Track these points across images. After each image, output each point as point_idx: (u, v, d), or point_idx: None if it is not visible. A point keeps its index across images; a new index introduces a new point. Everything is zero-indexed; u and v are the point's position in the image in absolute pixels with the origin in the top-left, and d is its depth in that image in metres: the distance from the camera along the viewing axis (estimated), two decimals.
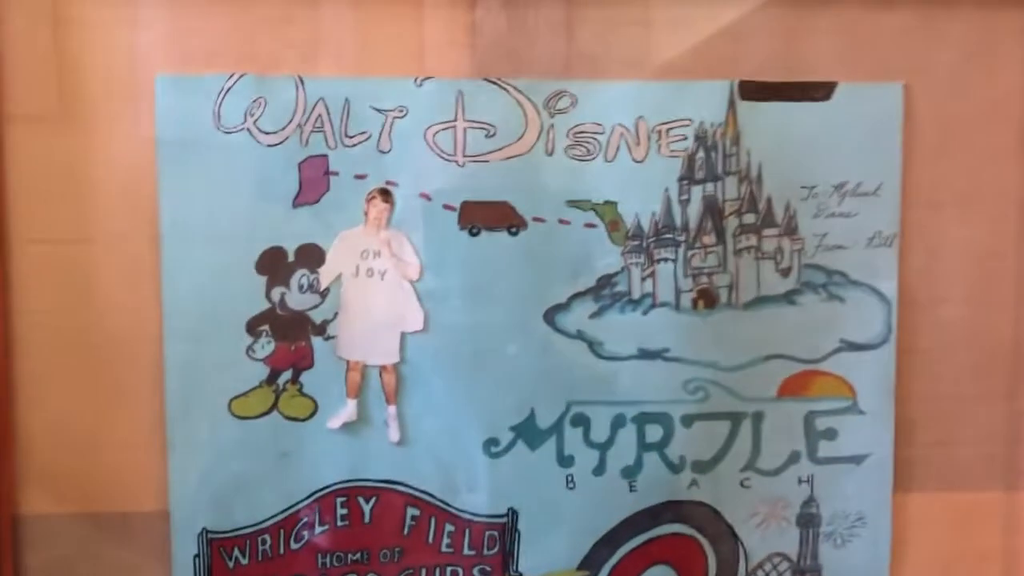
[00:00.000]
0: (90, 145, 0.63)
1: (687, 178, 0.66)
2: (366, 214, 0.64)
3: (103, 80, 0.62)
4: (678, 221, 0.66)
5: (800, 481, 0.69)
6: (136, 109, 0.63)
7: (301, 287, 0.65)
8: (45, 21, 0.62)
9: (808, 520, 0.69)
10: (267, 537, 0.66)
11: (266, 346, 0.65)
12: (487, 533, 0.67)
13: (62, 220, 0.63)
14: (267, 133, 0.63)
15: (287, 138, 0.63)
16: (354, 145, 0.64)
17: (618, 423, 0.67)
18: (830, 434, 0.69)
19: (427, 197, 0.65)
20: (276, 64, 0.63)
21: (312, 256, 0.64)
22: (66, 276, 0.63)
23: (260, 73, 0.63)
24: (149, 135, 0.63)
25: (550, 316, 0.66)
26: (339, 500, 0.66)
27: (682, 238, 0.66)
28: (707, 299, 0.67)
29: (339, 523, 0.66)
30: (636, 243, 0.66)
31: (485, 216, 0.65)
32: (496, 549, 0.67)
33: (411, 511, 0.66)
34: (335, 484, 0.66)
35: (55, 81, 0.62)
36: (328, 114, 0.63)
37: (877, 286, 0.68)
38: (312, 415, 0.65)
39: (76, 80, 0.62)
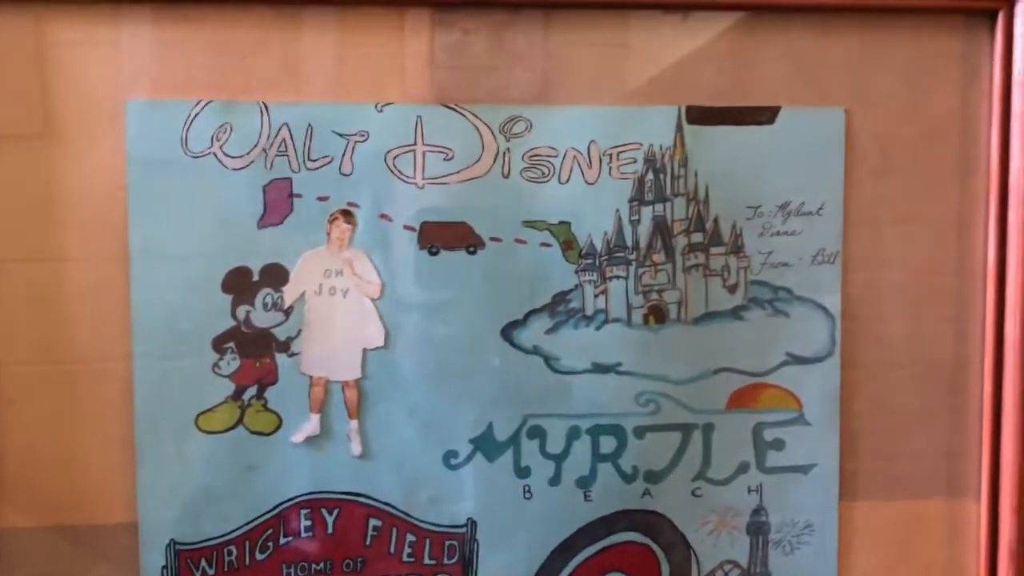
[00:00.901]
0: (64, 165, 0.65)
1: (637, 199, 0.68)
2: (329, 234, 0.67)
3: (78, 102, 0.64)
4: (629, 240, 0.69)
5: (750, 490, 0.71)
6: (109, 131, 0.65)
7: (266, 305, 0.67)
8: (25, 43, 0.64)
9: (758, 528, 0.72)
10: (233, 548, 0.67)
11: (232, 363, 0.67)
12: (447, 543, 0.69)
13: (34, 238, 0.65)
14: (233, 157, 0.65)
15: (252, 162, 0.66)
16: (317, 168, 0.66)
17: (573, 435, 0.69)
18: (778, 444, 0.71)
19: (388, 218, 0.67)
20: (245, 90, 0.65)
21: (276, 275, 0.66)
22: (38, 293, 0.65)
23: (229, 99, 0.65)
24: (121, 157, 0.65)
25: (507, 332, 0.68)
26: (303, 512, 0.68)
27: (633, 256, 0.69)
28: (657, 315, 0.69)
29: (303, 534, 0.68)
30: (589, 261, 0.68)
31: (444, 236, 0.67)
32: (456, 558, 0.69)
33: (373, 522, 0.68)
34: (299, 496, 0.68)
35: (32, 101, 0.64)
36: (292, 139, 0.66)
37: (821, 301, 0.70)
38: (277, 429, 0.67)
39: (52, 101, 0.64)
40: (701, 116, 0.68)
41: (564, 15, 0.67)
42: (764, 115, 0.69)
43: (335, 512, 0.68)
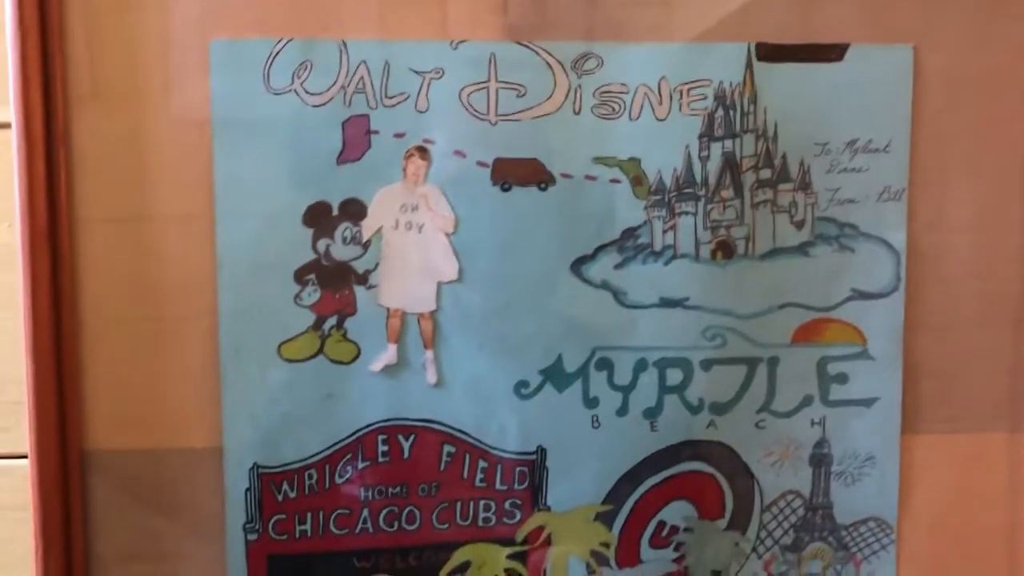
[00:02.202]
0: (151, 106, 0.67)
1: (707, 135, 0.70)
2: (404, 170, 0.69)
3: (164, 43, 0.66)
4: (698, 177, 0.70)
5: (813, 423, 0.73)
6: (192, 73, 0.67)
7: (345, 239, 0.69)
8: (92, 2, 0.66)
9: (820, 460, 0.73)
10: (313, 472, 0.70)
11: (312, 294, 0.69)
12: (517, 469, 0.72)
13: (126, 177, 0.67)
14: (313, 94, 0.67)
15: (331, 99, 0.67)
16: (394, 105, 0.68)
17: (640, 367, 0.71)
18: (841, 378, 0.73)
19: (462, 154, 0.69)
20: (320, 29, 0.67)
21: (355, 210, 0.69)
22: (126, 226, 0.68)
23: (306, 37, 0.67)
24: (202, 97, 0.67)
25: (577, 267, 0.70)
26: (380, 438, 0.71)
27: (702, 193, 0.70)
28: (725, 250, 0.71)
29: (380, 459, 0.71)
30: (658, 198, 0.70)
31: (516, 172, 0.69)
32: (526, 484, 0.72)
33: (447, 448, 0.71)
34: (376, 423, 0.70)
35: (110, 57, 0.66)
36: (369, 76, 0.67)
37: (887, 238, 0.71)
38: (355, 359, 0.70)
39: (138, 45, 0.66)
40: (770, 53, 0.69)
41: None
42: (832, 52, 0.69)
43: (411, 438, 0.71)
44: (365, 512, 0.71)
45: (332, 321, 0.69)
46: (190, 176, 0.67)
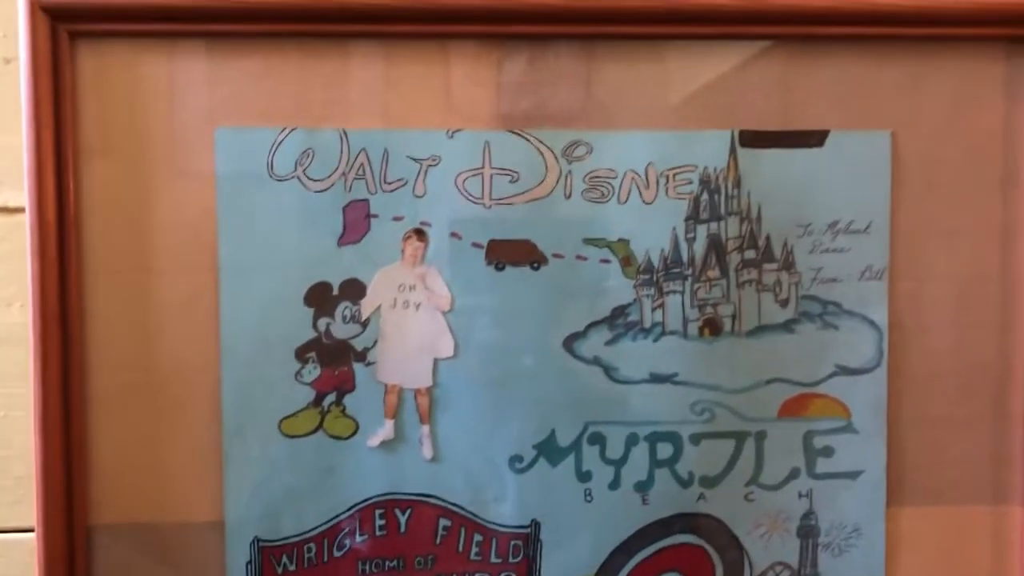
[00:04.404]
0: (159, 185, 0.70)
1: (693, 218, 0.72)
2: (403, 252, 0.71)
3: (172, 129, 0.69)
4: (685, 257, 0.72)
5: (800, 495, 0.75)
6: (197, 154, 0.70)
7: (344, 318, 0.71)
8: (126, 77, 0.69)
9: (808, 531, 0.75)
10: (312, 545, 0.72)
11: (313, 371, 0.71)
12: (512, 542, 0.73)
13: (131, 253, 0.70)
14: (315, 180, 0.70)
15: (332, 184, 0.70)
16: (392, 190, 0.71)
17: (631, 441, 0.73)
18: (827, 452, 0.74)
19: (458, 236, 0.71)
20: (319, 119, 0.70)
21: (354, 290, 0.71)
22: (133, 304, 0.70)
23: (308, 127, 0.70)
24: (208, 177, 0.70)
25: (569, 343, 0.72)
26: (377, 512, 0.72)
27: (689, 272, 0.72)
28: (712, 328, 0.73)
29: (377, 532, 0.72)
30: (647, 277, 0.72)
31: (509, 253, 0.72)
32: (520, 557, 0.73)
33: (443, 522, 0.73)
34: (374, 497, 0.72)
35: (131, 127, 0.69)
36: (369, 163, 0.70)
37: (869, 315, 0.73)
38: (354, 434, 0.72)
39: (148, 127, 0.69)
40: (753, 140, 0.72)
41: (610, 44, 0.71)
42: (813, 138, 0.72)
43: (408, 512, 0.72)
44: None
45: (331, 397, 0.71)
46: (196, 261, 0.70)
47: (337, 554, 0.72)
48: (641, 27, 0.70)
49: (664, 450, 0.73)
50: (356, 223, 0.71)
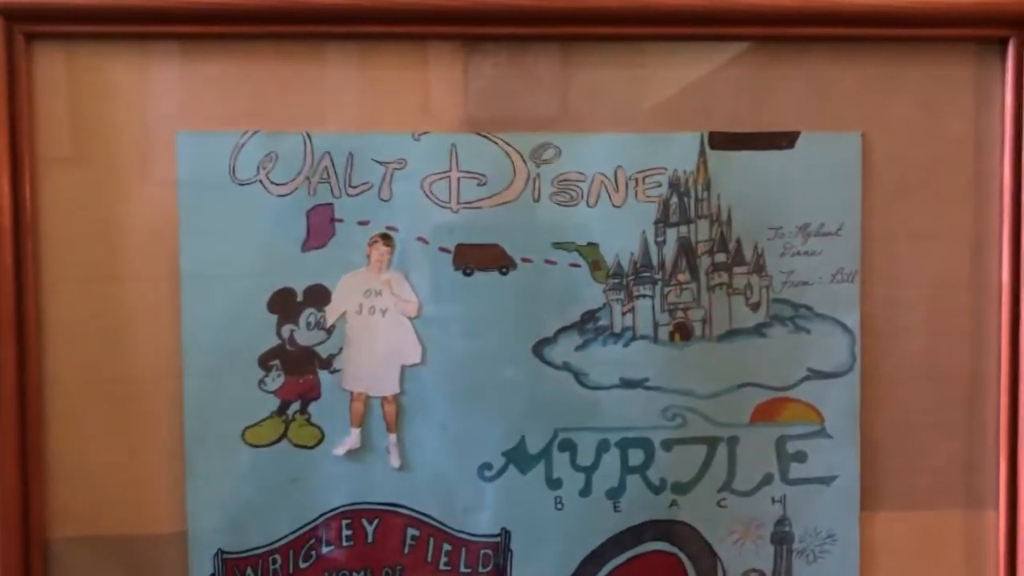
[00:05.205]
0: (116, 191, 0.68)
1: (662, 221, 0.71)
2: (369, 257, 0.70)
3: (133, 133, 0.68)
4: (655, 260, 0.72)
5: (773, 501, 0.74)
6: (159, 159, 0.68)
7: (309, 324, 0.70)
8: (65, 76, 0.68)
9: (782, 538, 0.74)
10: (278, 557, 0.71)
11: (277, 379, 0.70)
12: (482, 552, 0.72)
13: (91, 260, 0.68)
14: (278, 184, 0.69)
15: (296, 188, 0.69)
16: (358, 194, 0.70)
17: (602, 448, 0.72)
18: (800, 457, 0.74)
19: (424, 241, 0.70)
20: (285, 121, 0.69)
21: (319, 296, 0.70)
22: (93, 312, 0.69)
23: (271, 130, 0.69)
24: (170, 183, 0.68)
25: (538, 349, 0.71)
26: (344, 522, 0.71)
27: (659, 276, 0.72)
28: (683, 332, 0.72)
29: (344, 543, 0.71)
30: (617, 281, 0.71)
31: (478, 258, 0.71)
32: (490, 567, 0.72)
33: (411, 531, 0.71)
34: (341, 507, 0.71)
35: (90, 131, 0.68)
36: (333, 166, 0.69)
37: (841, 318, 0.73)
38: (319, 443, 0.71)
39: (109, 131, 0.68)
40: (723, 142, 0.71)
41: (583, 46, 0.70)
42: (784, 140, 0.72)
43: (375, 522, 0.71)
44: None
45: (296, 406, 0.70)
46: (157, 267, 0.69)
47: (303, 565, 0.71)
48: (614, 28, 0.69)
49: (635, 456, 0.72)
50: (320, 228, 0.70)
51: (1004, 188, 0.73)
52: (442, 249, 0.70)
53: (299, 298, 0.70)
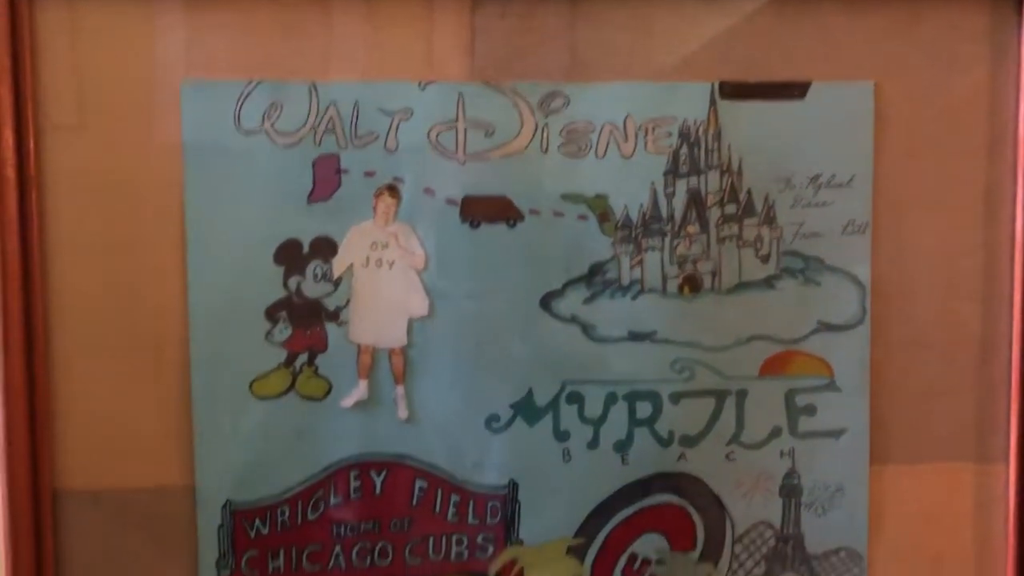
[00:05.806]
0: (119, 146, 0.67)
1: (672, 172, 0.71)
2: (375, 209, 0.69)
3: (129, 86, 0.67)
4: (664, 212, 0.71)
5: (782, 454, 0.74)
6: (161, 113, 0.67)
7: (316, 276, 0.70)
8: (68, 33, 0.67)
9: (790, 491, 0.74)
10: (286, 508, 0.71)
11: (284, 331, 0.70)
12: (490, 503, 0.72)
13: (98, 213, 0.68)
14: (283, 134, 0.68)
15: (302, 139, 0.68)
16: (363, 145, 0.69)
17: (610, 400, 0.72)
18: (809, 410, 0.73)
19: (431, 192, 0.70)
20: (291, 71, 0.68)
21: (325, 248, 0.69)
22: (100, 265, 0.68)
23: (276, 79, 0.68)
24: (174, 136, 0.68)
25: (546, 302, 0.71)
26: (352, 473, 0.71)
27: (668, 228, 0.71)
28: (692, 284, 0.72)
29: (352, 495, 0.71)
30: (625, 233, 0.71)
31: (485, 210, 0.70)
32: (498, 518, 0.72)
33: (419, 483, 0.71)
34: (348, 459, 0.71)
35: (85, 89, 0.67)
36: (339, 117, 0.68)
37: (852, 271, 0.72)
38: (327, 395, 0.70)
39: (110, 85, 0.67)
40: (734, 91, 0.70)
41: None
42: (795, 90, 0.71)
43: (383, 474, 0.71)
44: (338, 548, 0.71)
45: (303, 358, 0.70)
46: (161, 214, 0.68)
47: (311, 517, 0.71)
48: None
49: (643, 409, 0.72)
50: (326, 179, 0.69)
51: (1019, 143, 0.72)
52: (449, 201, 0.70)
53: (305, 250, 0.69)
